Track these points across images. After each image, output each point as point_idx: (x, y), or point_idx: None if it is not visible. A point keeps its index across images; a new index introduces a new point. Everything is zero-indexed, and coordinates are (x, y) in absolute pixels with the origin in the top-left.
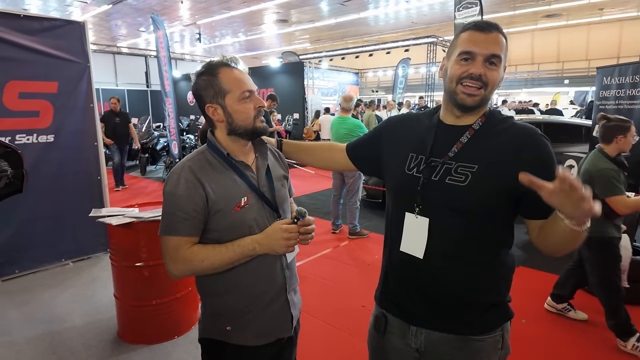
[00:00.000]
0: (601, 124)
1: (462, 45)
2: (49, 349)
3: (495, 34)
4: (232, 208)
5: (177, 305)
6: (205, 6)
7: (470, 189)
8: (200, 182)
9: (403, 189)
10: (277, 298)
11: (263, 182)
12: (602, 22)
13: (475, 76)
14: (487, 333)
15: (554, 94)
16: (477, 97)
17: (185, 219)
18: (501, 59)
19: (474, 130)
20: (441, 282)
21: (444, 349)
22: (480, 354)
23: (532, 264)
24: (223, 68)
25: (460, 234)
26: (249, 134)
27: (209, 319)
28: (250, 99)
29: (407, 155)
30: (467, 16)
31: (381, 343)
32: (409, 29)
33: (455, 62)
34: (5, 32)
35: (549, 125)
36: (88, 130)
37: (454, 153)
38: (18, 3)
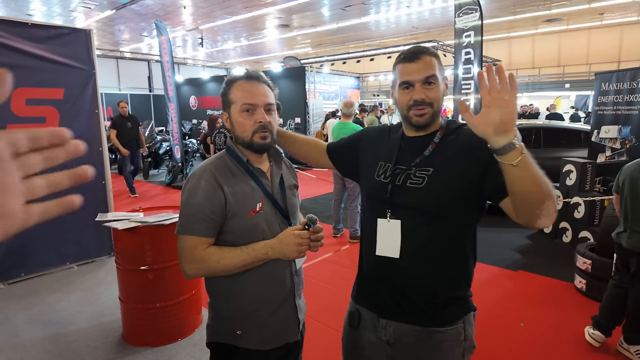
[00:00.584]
0: None
1: (400, 77)
2: (54, 351)
3: (423, 59)
4: (248, 212)
5: (181, 308)
6: (207, 11)
7: (427, 189)
8: (220, 185)
9: (374, 194)
10: (285, 303)
11: (276, 190)
12: (603, 26)
13: (418, 101)
14: (448, 325)
15: (555, 98)
16: (427, 114)
17: (203, 220)
18: (437, 77)
19: (435, 144)
20: (410, 278)
21: (410, 340)
22: (442, 344)
23: (531, 268)
24: (240, 81)
25: (425, 232)
26: (247, 147)
27: (219, 323)
28: (251, 113)
29: (377, 163)
30: (468, 21)
31: (355, 337)
32: (410, 33)
33: (400, 92)
34: (13, 40)
35: (548, 130)
36: (93, 136)
37: (415, 163)
38: (22, 9)
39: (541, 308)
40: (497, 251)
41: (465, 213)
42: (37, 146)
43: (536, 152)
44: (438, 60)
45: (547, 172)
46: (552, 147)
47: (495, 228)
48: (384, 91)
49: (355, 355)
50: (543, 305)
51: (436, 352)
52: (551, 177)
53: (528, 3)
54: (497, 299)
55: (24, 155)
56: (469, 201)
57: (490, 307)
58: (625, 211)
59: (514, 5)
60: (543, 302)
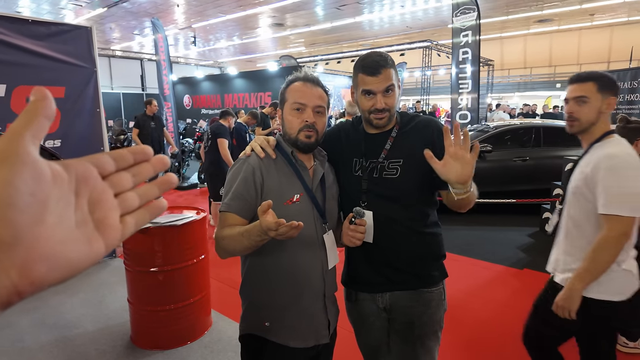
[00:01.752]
0: (620, 126)
1: (362, 85)
2: (61, 355)
3: (383, 72)
4: (284, 201)
5: (191, 310)
6: (200, 10)
7: (402, 178)
8: (260, 170)
9: (352, 189)
10: (314, 302)
11: (317, 187)
12: (593, 27)
13: (379, 109)
14: (434, 286)
15: (546, 97)
16: (385, 118)
17: (238, 198)
18: (394, 85)
19: (393, 138)
20: (390, 256)
21: (405, 302)
22: (431, 302)
23: (537, 266)
24: (297, 82)
25: (398, 216)
26: (292, 143)
27: (250, 314)
28: (300, 112)
29: (352, 160)
30: (465, 21)
31: (356, 309)
32: (404, 33)
33: (362, 97)
34: (13, 37)
35: (548, 130)
36: (95, 135)
37: (382, 157)
38: (11, 5)
39: None
40: (501, 250)
41: (431, 194)
42: (123, 165)
43: (536, 151)
44: (394, 68)
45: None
46: (552, 146)
47: (498, 227)
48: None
49: (359, 323)
50: None
51: (427, 309)
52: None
53: (520, 3)
54: (505, 297)
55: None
56: (430, 181)
57: (498, 305)
58: None
59: (507, 6)
60: None
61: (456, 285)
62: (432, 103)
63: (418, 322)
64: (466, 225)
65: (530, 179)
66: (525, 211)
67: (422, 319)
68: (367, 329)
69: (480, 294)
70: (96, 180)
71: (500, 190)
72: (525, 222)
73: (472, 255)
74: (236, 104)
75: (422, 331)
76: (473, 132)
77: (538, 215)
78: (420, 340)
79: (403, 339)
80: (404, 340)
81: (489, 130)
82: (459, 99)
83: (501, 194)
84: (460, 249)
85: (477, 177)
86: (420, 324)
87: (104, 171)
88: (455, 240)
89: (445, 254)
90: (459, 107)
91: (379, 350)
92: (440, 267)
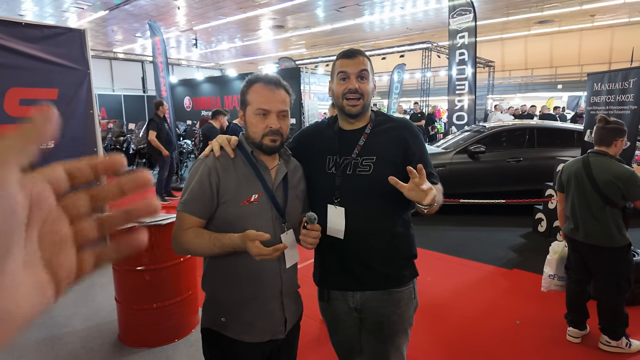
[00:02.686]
0: (599, 126)
1: (339, 68)
2: (50, 353)
3: (358, 57)
4: (241, 201)
5: (178, 309)
6: (201, 12)
7: (374, 175)
8: (217, 171)
9: (325, 185)
10: (272, 299)
11: (278, 187)
12: (594, 28)
13: (352, 90)
14: (403, 285)
15: (548, 98)
16: (359, 106)
17: (193, 200)
18: (368, 72)
19: (367, 135)
20: (362, 254)
21: (375, 302)
22: (400, 302)
23: (527, 266)
24: (258, 84)
25: (370, 213)
26: (256, 147)
27: (208, 309)
28: (264, 117)
29: (325, 158)
30: (462, 22)
31: (329, 308)
32: (404, 34)
33: (336, 83)
34: (6, 40)
35: (541, 130)
36: (88, 137)
37: (356, 154)
38: (14, 9)
39: (537, 306)
40: (492, 250)
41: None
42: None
43: (529, 152)
44: (370, 62)
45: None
46: (546, 147)
47: (490, 227)
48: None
49: (333, 322)
50: (539, 303)
51: (396, 309)
52: (544, 176)
53: (521, 5)
54: (492, 297)
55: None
56: (404, 180)
57: (486, 306)
58: (572, 208)
59: (507, 7)
60: (539, 300)
61: (444, 285)
62: (432, 104)
63: (388, 322)
64: (458, 225)
65: (523, 179)
66: (519, 212)
67: (392, 318)
68: (340, 328)
69: (467, 294)
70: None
71: (494, 190)
72: (518, 223)
73: (462, 255)
74: (235, 106)
75: (392, 330)
76: (469, 132)
77: (531, 215)
78: (391, 339)
79: (374, 337)
80: (375, 339)
81: (484, 130)
82: (456, 100)
83: (495, 194)
84: (451, 249)
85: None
86: (390, 323)
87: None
88: (446, 241)
89: (416, 254)
90: (456, 109)
91: (352, 349)
92: (411, 266)
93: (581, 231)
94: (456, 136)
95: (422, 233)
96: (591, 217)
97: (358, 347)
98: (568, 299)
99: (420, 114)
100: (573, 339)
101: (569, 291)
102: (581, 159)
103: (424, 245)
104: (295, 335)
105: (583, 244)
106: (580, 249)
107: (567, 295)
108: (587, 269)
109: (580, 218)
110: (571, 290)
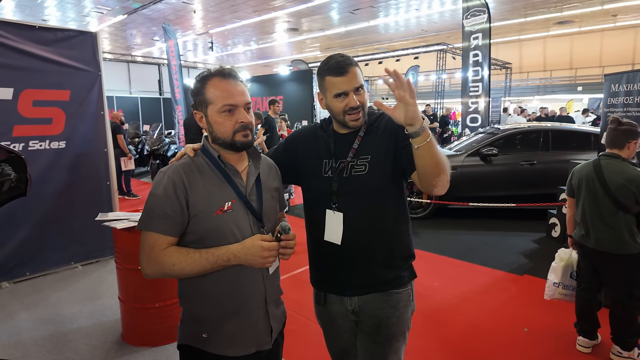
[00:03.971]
0: (612, 128)
1: (334, 89)
2: (54, 349)
3: (351, 71)
4: (214, 211)
5: (179, 309)
6: (217, 15)
7: (370, 174)
8: (183, 183)
9: (322, 190)
10: (256, 309)
11: (251, 190)
12: (616, 28)
13: (354, 107)
14: (402, 287)
15: (567, 101)
16: (361, 118)
17: (162, 217)
18: (363, 85)
19: (360, 137)
20: (359, 257)
21: (373, 304)
22: (399, 304)
23: (538, 272)
24: (214, 78)
25: (368, 214)
26: (228, 146)
27: (187, 325)
28: (232, 113)
29: (321, 161)
30: (476, 24)
31: (325, 311)
32: (419, 36)
33: (334, 100)
34: (21, 43)
35: (557, 133)
36: (98, 137)
37: (350, 157)
38: (38, 14)
39: (546, 313)
40: (502, 255)
41: (400, 189)
42: None
43: (544, 155)
44: (358, 68)
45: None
46: (561, 150)
47: (502, 232)
48: (392, 94)
49: (328, 325)
50: (548, 310)
51: (395, 310)
52: (558, 180)
53: (539, 5)
54: (500, 303)
55: None
56: (397, 177)
57: (493, 312)
58: (583, 213)
59: (525, 8)
60: (548, 307)
61: (451, 290)
62: (447, 106)
63: (386, 324)
64: (469, 229)
65: (537, 183)
66: (532, 216)
67: (391, 320)
68: (336, 331)
69: (474, 299)
70: None
71: (506, 194)
72: (531, 228)
73: (472, 260)
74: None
75: (390, 332)
76: (482, 134)
77: (545, 220)
78: (389, 342)
79: (371, 340)
80: (372, 341)
81: (497, 133)
82: (470, 102)
83: (507, 198)
84: (462, 254)
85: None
86: (389, 325)
87: None
88: (457, 245)
89: (414, 254)
90: (470, 111)
91: (348, 353)
92: (409, 267)
93: (592, 237)
94: (469, 138)
95: (433, 237)
96: (602, 223)
97: (354, 351)
98: (578, 307)
99: (432, 116)
100: (583, 349)
101: (579, 299)
102: (592, 162)
103: (433, 249)
104: (280, 344)
105: (594, 251)
106: (590, 255)
107: (577, 303)
108: (597, 276)
109: (591, 223)
110: (581, 298)
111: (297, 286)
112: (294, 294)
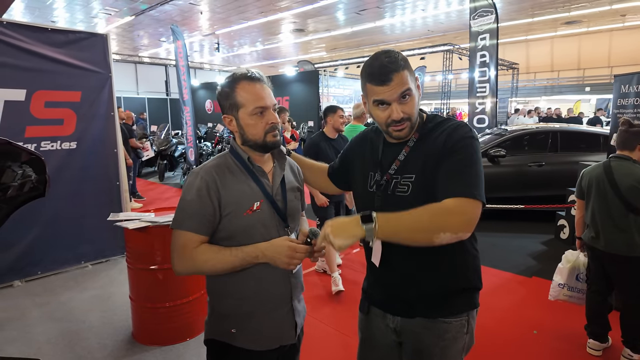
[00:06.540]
0: (622, 130)
1: (373, 95)
2: (66, 347)
3: (394, 78)
4: (244, 211)
5: (189, 308)
6: (223, 17)
7: (413, 197)
8: (216, 184)
9: (366, 205)
10: (281, 305)
11: (277, 191)
12: (625, 28)
13: (397, 121)
14: (453, 316)
15: (575, 101)
16: (406, 128)
17: (195, 216)
18: (411, 89)
19: (409, 148)
20: (402, 283)
21: (416, 329)
22: (445, 335)
23: (546, 274)
24: (242, 82)
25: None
26: (259, 147)
27: (216, 320)
28: (263, 115)
29: (367, 174)
30: (483, 24)
31: (366, 322)
32: (425, 37)
33: (375, 108)
34: (34, 45)
35: (565, 134)
36: (109, 138)
37: (394, 170)
38: (47, 16)
39: (555, 315)
40: (511, 257)
41: None
42: None
43: (552, 156)
44: (408, 68)
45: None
46: (569, 151)
47: (510, 233)
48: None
49: (367, 337)
50: (557, 313)
51: (439, 341)
52: (567, 181)
53: (546, 5)
54: (509, 305)
55: None
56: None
57: (502, 314)
58: (593, 215)
59: (532, 8)
60: (558, 309)
61: None
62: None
63: (427, 352)
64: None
65: (545, 184)
66: (541, 218)
67: (433, 350)
68: (372, 345)
69: (482, 301)
70: None
71: (514, 196)
72: (539, 230)
73: (481, 262)
74: None
75: None
76: (490, 135)
77: (553, 222)
78: None
79: None
80: None
81: (505, 134)
82: (477, 103)
83: (515, 199)
84: None
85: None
86: (430, 355)
87: None
88: None
89: (477, 286)
90: (477, 111)
91: None
92: (467, 295)
93: (602, 239)
94: None
95: None
96: (612, 225)
97: None
98: (588, 309)
99: None
100: (593, 352)
101: (589, 302)
102: (602, 163)
103: None
104: (300, 338)
105: (604, 253)
106: (600, 257)
107: (587, 305)
108: (607, 278)
109: (601, 226)
110: (591, 301)
111: None
112: None
